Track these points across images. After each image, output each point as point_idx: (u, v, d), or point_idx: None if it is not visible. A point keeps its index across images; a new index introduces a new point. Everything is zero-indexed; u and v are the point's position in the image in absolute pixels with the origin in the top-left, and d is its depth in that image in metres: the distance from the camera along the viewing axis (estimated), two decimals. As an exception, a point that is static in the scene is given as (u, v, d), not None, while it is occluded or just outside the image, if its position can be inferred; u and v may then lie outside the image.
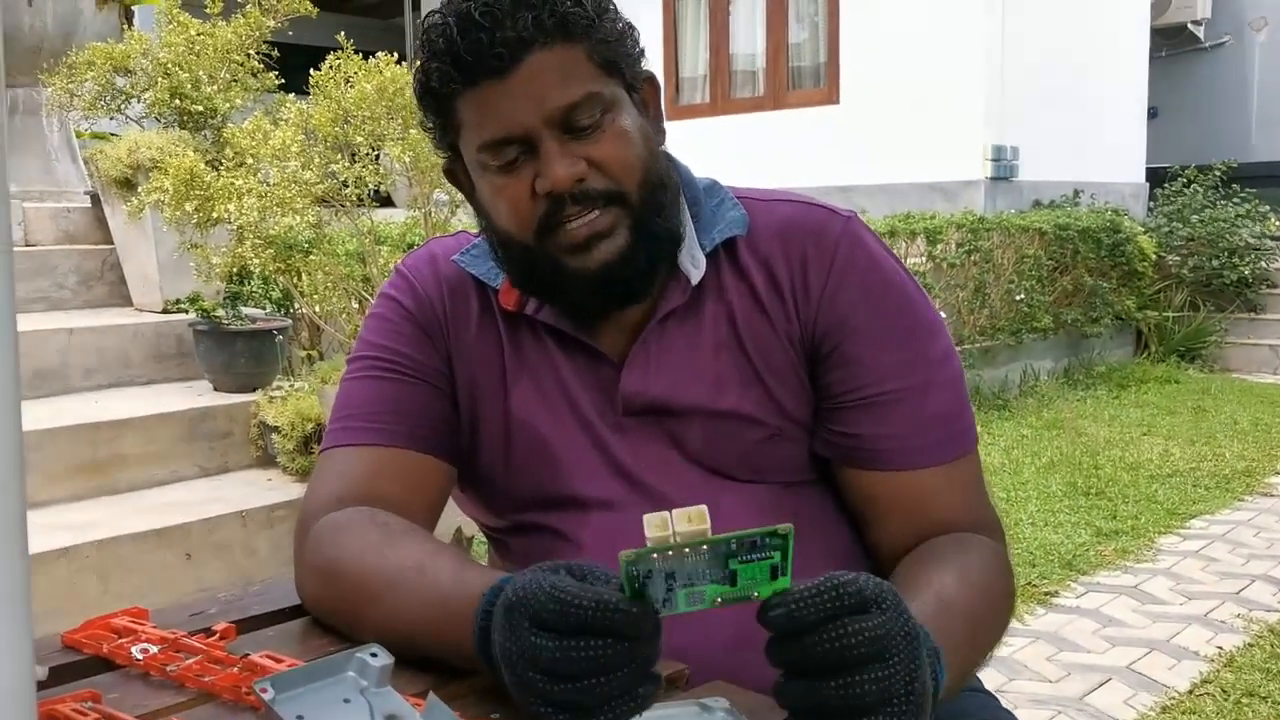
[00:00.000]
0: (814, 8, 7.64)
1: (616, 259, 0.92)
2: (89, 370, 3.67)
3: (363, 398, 1.01)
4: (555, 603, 0.64)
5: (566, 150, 0.90)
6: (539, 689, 0.65)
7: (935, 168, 6.97)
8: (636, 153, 0.93)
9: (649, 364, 0.98)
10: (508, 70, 0.88)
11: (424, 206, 3.44)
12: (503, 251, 0.97)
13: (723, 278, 0.99)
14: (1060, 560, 3.47)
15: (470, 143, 0.93)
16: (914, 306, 1.00)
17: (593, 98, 0.90)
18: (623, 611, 0.63)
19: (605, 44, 0.92)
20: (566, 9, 0.89)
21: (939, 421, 0.97)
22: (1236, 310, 7.42)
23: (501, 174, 0.92)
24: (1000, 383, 6.17)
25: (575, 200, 0.90)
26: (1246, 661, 2.71)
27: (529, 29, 0.88)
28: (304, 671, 0.69)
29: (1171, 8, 9.32)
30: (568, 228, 0.91)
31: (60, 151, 4.91)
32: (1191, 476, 4.46)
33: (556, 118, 0.89)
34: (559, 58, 0.89)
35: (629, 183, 0.92)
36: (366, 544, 0.88)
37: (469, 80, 0.90)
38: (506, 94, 0.89)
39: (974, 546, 0.93)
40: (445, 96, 0.92)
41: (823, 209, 1.02)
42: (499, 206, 0.93)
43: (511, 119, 0.89)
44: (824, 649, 0.62)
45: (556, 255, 0.92)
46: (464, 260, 1.03)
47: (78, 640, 0.84)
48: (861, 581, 0.65)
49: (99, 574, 2.78)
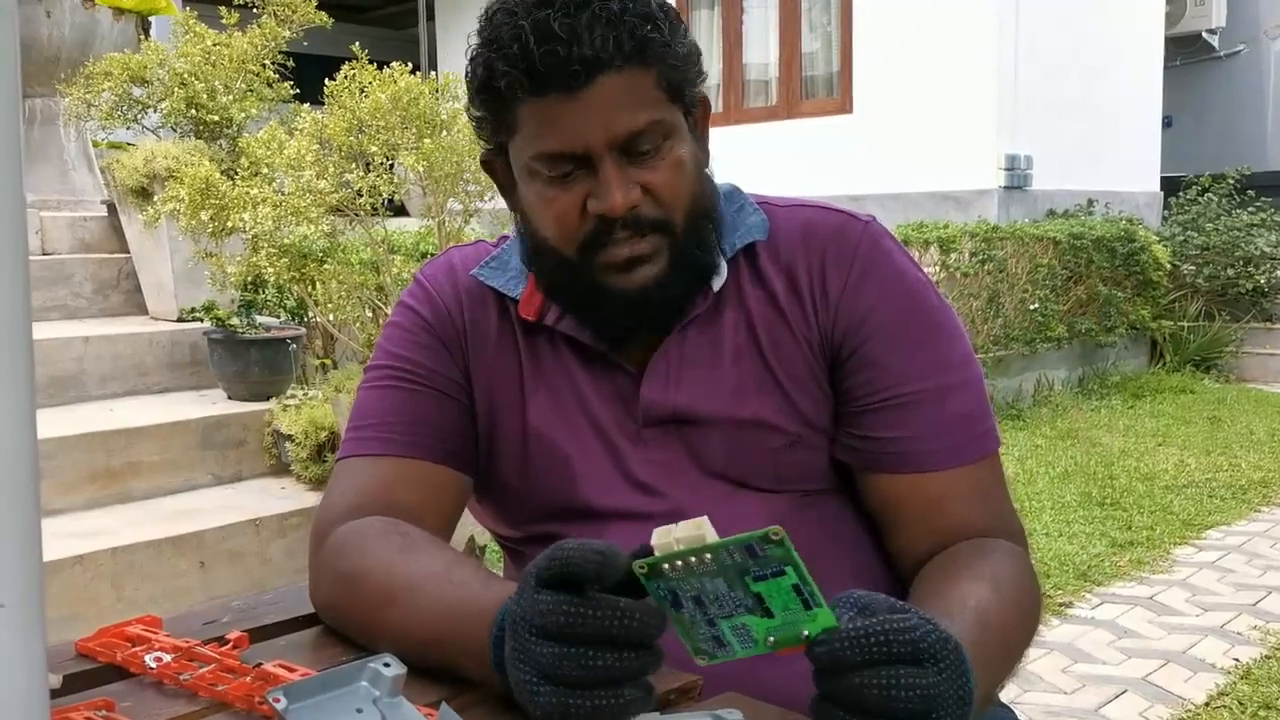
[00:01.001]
0: (826, 17, 7.64)
1: (653, 284, 0.92)
2: (104, 378, 3.69)
3: (380, 407, 1.01)
4: (563, 615, 0.64)
5: (624, 175, 0.89)
6: (543, 700, 0.65)
7: (948, 177, 6.96)
8: (688, 183, 0.93)
9: (669, 374, 0.98)
10: (579, 88, 0.87)
11: (438, 215, 3.45)
12: (536, 257, 0.96)
13: (742, 284, 0.99)
14: (1075, 571, 3.44)
15: (524, 149, 0.92)
16: (933, 309, 0.99)
17: (656, 125, 0.90)
18: (640, 620, 0.63)
19: (675, 69, 0.91)
20: (646, 33, 0.88)
21: (960, 423, 0.97)
22: (1252, 320, 7.37)
23: (553, 185, 0.91)
24: (1014, 392, 6.15)
25: (625, 225, 0.90)
26: (1263, 674, 2.69)
27: (608, 50, 0.86)
28: (317, 681, 0.69)
29: (1186, 16, 9.29)
30: (611, 249, 0.91)
31: (77, 161, 4.94)
32: (1207, 487, 4.43)
33: (620, 142, 0.89)
34: (630, 81, 0.88)
35: (677, 213, 0.92)
36: (390, 549, 0.88)
37: (537, 91, 0.88)
38: (573, 111, 0.87)
39: (1002, 555, 0.92)
40: (507, 99, 0.90)
41: (842, 213, 1.02)
42: (545, 216, 0.93)
43: (575, 136, 0.88)
44: (872, 694, 0.62)
45: (596, 272, 0.92)
46: (483, 274, 1.03)
47: (91, 648, 0.84)
48: (919, 632, 0.63)
49: (113, 581, 2.79)
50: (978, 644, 0.74)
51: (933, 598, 0.84)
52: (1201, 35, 9.50)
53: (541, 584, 0.66)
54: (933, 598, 0.84)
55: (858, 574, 0.99)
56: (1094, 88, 7.42)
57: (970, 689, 0.65)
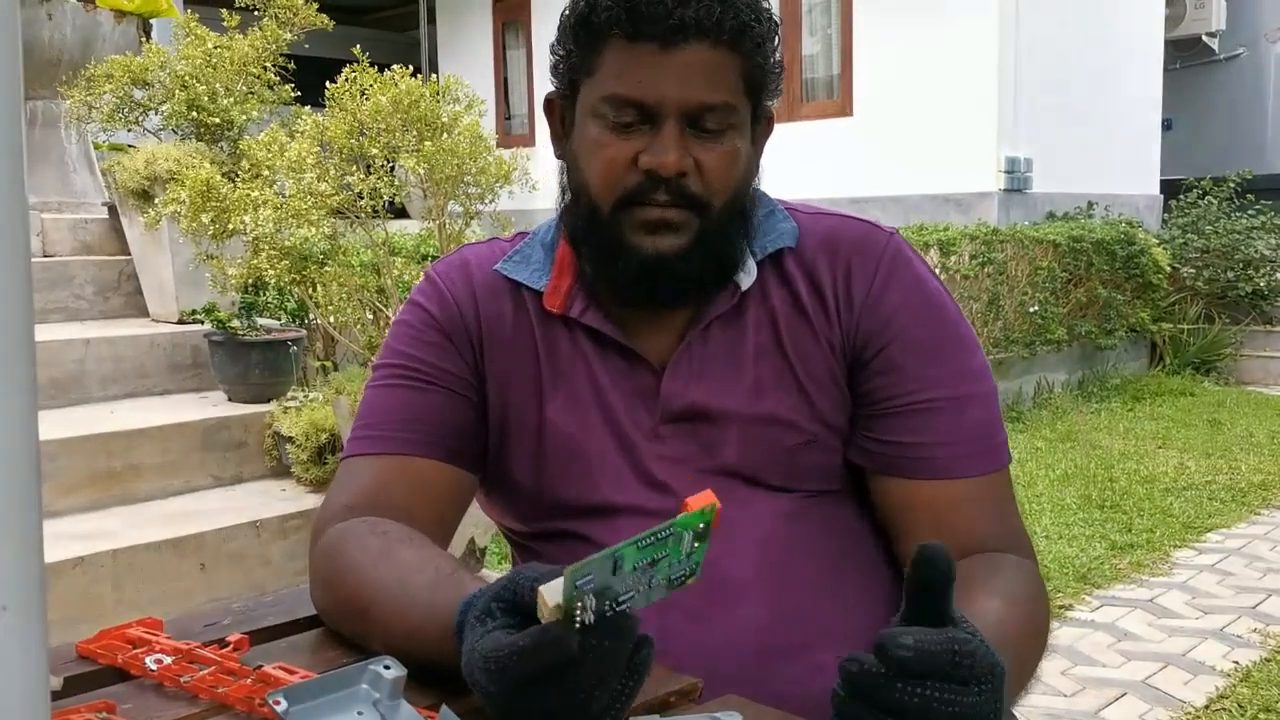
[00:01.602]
0: (827, 20, 7.65)
1: (671, 254, 0.93)
2: (105, 380, 3.69)
3: (383, 406, 1.01)
4: (486, 669, 0.64)
5: (684, 141, 0.92)
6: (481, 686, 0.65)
7: (948, 179, 6.96)
8: (737, 176, 0.95)
9: (691, 369, 0.99)
10: (673, 45, 0.90)
11: (439, 218, 3.46)
12: (573, 206, 0.98)
13: (767, 285, 1.00)
14: (1075, 573, 3.45)
15: (598, 88, 0.93)
16: (954, 320, 1.01)
17: (728, 108, 0.92)
18: (545, 647, 0.62)
19: (760, 68, 0.94)
20: (748, 19, 0.91)
21: (977, 433, 0.98)
22: (1252, 323, 7.38)
23: (612, 131, 0.93)
24: (1014, 395, 6.15)
25: (668, 190, 0.92)
26: (1263, 676, 2.69)
27: (710, 20, 0.89)
28: (317, 684, 0.69)
29: (1186, 20, 9.29)
30: (645, 209, 0.93)
31: (78, 163, 4.95)
32: (1207, 490, 4.43)
33: (690, 110, 0.91)
34: (719, 59, 0.91)
35: (719, 199, 0.94)
36: (364, 555, 0.89)
37: (633, 34, 0.90)
38: (659, 65, 0.90)
39: (1015, 571, 0.92)
40: (600, 36, 0.92)
41: (866, 222, 1.04)
42: (595, 159, 0.94)
43: (652, 88, 0.90)
44: (912, 701, 0.61)
45: (624, 227, 0.94)
46: (507, 268, 1.04)
47: (92, 650, 0.85)
48: (980, 654, 0.63)
49: (114, 583, 2.80)
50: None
51: None
52: (1201, 38, 9.50)
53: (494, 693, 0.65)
54: None
55: (860, 575, 0.99)
56: (1094, 90, 7.43)
57: (1000, 712, 0.65)
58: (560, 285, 1.01)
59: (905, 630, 0.62)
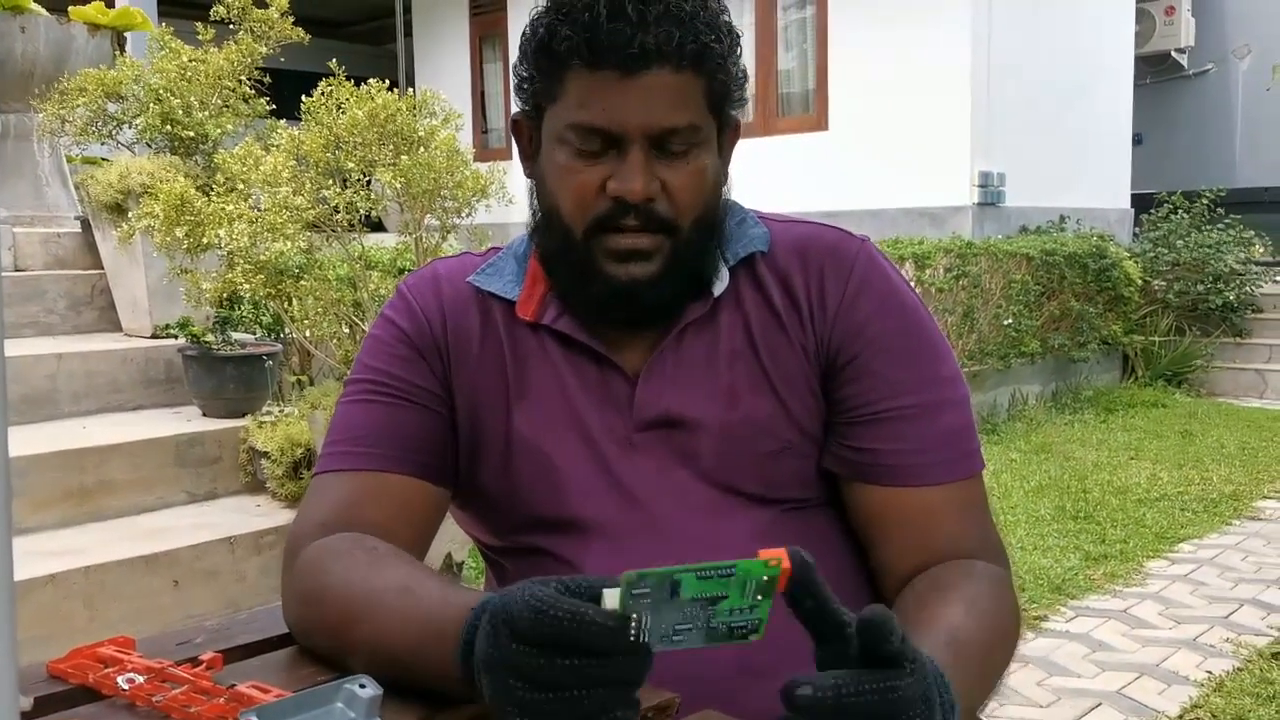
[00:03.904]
0: (803, 35, 7.71)
1: (643, 281, 0.94)
2: (77, 395, 3.65)
3: (355, 422, 1.01)
4: (531, 612, 0.62)
5: (650, 166, 0.92)
6: (518, 697, 0.63)
7: (923, 194, 7.02)
8: (705, 194, 0.96)
9: (665, 375, 0.99)
10: (634, 72, 0.90)
11: (415, 232, 3.45)
12: (545, 228, 0.98)
13: (740, 289, 1.01)
14: (1049, 584, 3.47)
15: (562, 115, 0.94)
16: (926, 327, 1.01)
17: (693, 130, 0.93)
18: (599, 625, 0.61)
19: (724, 84, 0.95)
20: (709, 41, 0.91)
21: (950, 440, 0.98)
22: (1222, 335, 7.47)
23: (579, 158, 0.93)
24: (989, 407, 6.19)
25: (637, 215, 0.93)
26: (1236, 686, 2.71)
27: (670, 46, 0.90)
28: (291, 702, 0.69)
29: (1155, 36, 9.43)
30: (615, 236, 0.93)
31: (51, 177, 4.91)
32: (1179, 500, 4.47)
33: (655, 134, 0.91)
34: (682, 82, 0.91)
35: (687, 219, 0.94)
36: (353, 567, 0.88)
37: (593, 63, 0.90)
38: (622, 93, 0.90)
39: (979, 575, 0.92)
40: (561, 64, 0.92)
41: (839, 230, 1.05)
42: (564, 187, 0.95)
43: (615, 116, 0.91)
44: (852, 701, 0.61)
45: (595, 255, 0.94)
46: (480, 280, 1.04)
47: (63, 669, 0.84)
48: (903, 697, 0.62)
49: (86, 601, 2.76)
50: (951, 659, 0.75)
51: (908, 619, 0.84)
52: (1171, 55, 9.65)
53: (518, 638, 0.64)
54: (908, 619, 0.84)
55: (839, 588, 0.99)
56: (1066, 106, 7.52)
57: (933, 693, 0.64)
58: (534, 294, 1.01)
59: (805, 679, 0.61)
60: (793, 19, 7.74)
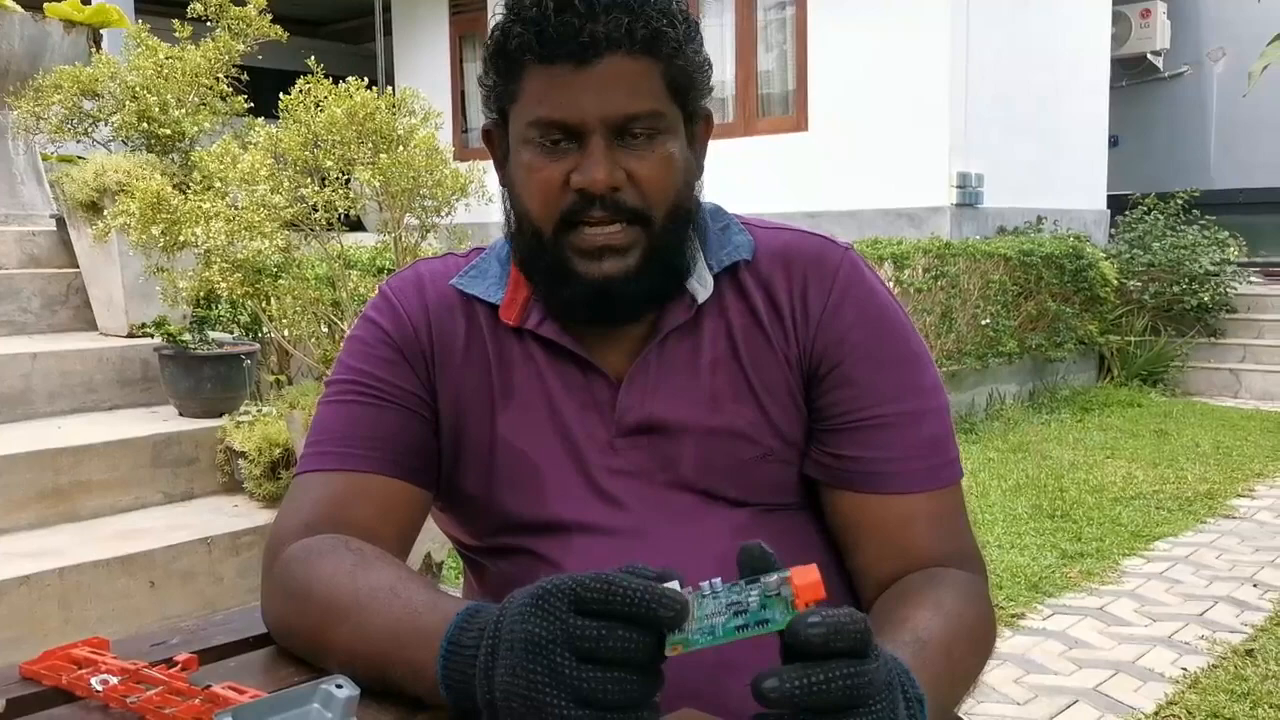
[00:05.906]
0: (782, 36, 7.73)
1: (620, 276, 0.93)
2: (52, 395, 3.62)
3: (337, 422, 1.00)
4: (603, 583, 0.63)
5: (611, 155, 0.91)
6: (567, 675, 0.63)
7: (902, 194, 7.05)
8: (674, 181, 0.95)
9: (648, 381, 0.99)
10: (587, 62, 0.90)
11: (394, 231, 3.44)
12: (517, 232, 0.98)
13: (723, 297, 1.01)
14: (1027, 582, 3.49)
15: (523, 114, 0.94)
16: (907, 336, 1.02)
17: (654, 115, 0.92)
18: (669, 597, 0.62)
19: (683, 70, 0.94)
20: (661, 25, 0.91)
21: (929, 448, 0.99)
22: (1197, 335, 7.54)
23: (542, 154, 0.93)
24: (967, 406, 6.23)
25: (603, 206, 0.92)
26: (1211, 683, 2.74)
27: (620, 32, 0.89)
28: (267, 703, 0.68)
29: (1131, 38, 9.51)
30: (586, 231, 0.93)
31: (26, 175, 4.86)
32: (1154, 499, 4.51)
33: (614, 122, 0.91)
34: (638, 68, 0.91)
35: (658, 208, 0.94)
36: (339, 567, 0.88)
37: (546, 57, 0.90)
38: (577, 83, 0.90)
39: (951, 581, 0.93)
40: (517, 62, 0.92)
41: (822, 238, 1.05)
42: (530, 184, 0.94)
43: (573, 108, 0.90)
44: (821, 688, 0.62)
45: (567, 252, 0.94)
46: (462, 282, 1.04)
47: (36, 671, 0.83)
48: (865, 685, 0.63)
49: (60, 602, 2.74)
50: (916, 657, 0.76)
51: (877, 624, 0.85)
52: (1146, 57, 9.73)
53: (580, 610, 0.64)
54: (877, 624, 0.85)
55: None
56: (1043, 107, 7.58)
57: (894, 678, 0.66)
58: (517, 298, 1.01)
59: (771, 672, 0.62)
60: (772, 19, 7.76)
